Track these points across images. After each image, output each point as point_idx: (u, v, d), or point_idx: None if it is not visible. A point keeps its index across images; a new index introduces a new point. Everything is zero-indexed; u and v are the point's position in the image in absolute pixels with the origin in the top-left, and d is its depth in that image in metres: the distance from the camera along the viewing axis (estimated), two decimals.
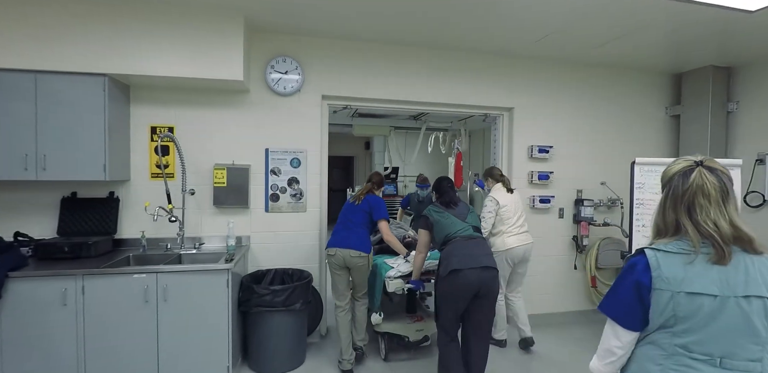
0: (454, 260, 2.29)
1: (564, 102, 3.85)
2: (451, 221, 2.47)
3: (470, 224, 2.49)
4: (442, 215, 2.51)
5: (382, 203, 2.98)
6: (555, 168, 3.81)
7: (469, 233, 2.43)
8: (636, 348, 1.09)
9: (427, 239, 2.57)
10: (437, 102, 3.57)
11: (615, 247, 3.88)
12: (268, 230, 3.21)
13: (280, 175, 3.22)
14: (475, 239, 2.42)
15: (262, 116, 3.18)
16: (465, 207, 2.59)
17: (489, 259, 2.36)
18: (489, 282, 2.29)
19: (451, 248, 2.36)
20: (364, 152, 11.14)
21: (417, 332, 3.06)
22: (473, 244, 2.38)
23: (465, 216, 2.51)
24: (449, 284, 2.29)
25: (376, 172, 3.29)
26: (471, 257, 2.29)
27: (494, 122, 3.94)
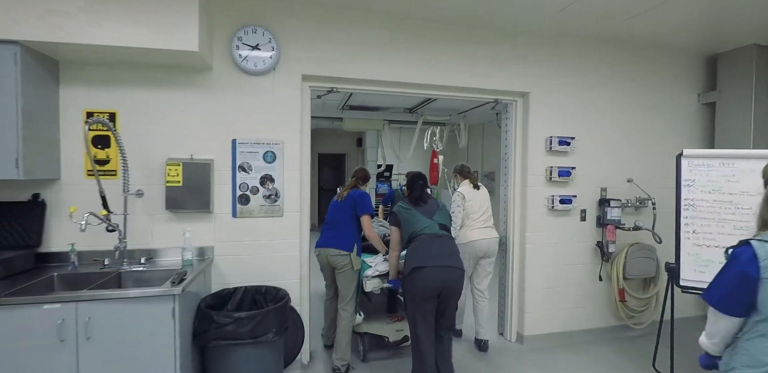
0: (417, 258, 2.27)
1: (586, 87, 3.31)
2: (417, 218, 2.44)
3: (437, 221, 2.44)
4: (409, 212, 2.48)
5: (367, 198, 2.89)
6: (577, 163, 3.27)
7: (435, 231, 2.39)
8: (747, 341, 1.21)
9: (398, 236, 2.53)
10: (440, 85, 3.01)
11: (645, 254, 3.36)
12: (237, 239, 2.63)
13: (250, 172, 2.64)
14: (440, 236, 2.39)
15: (228, 100, 2.59)
16: (434, 204, 2.54)
17: (453, 258, 2.32)
18: (452, 282, 2.27)
19: (415, 245, 2.35)
20: (356, 149, 10.56)
21: (397, 332, 2.96)
22: (438, 242, 2.36)
23: (433, 213, 2.48)
24: (411, 283, 2.27)
25: (361, 167, 3.17)
26: (434, 255, 2.28)
27: (505, 110, 3.39)
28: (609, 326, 3.44)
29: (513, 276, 3.30)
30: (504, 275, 3.40)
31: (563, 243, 3.29)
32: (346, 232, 2.82)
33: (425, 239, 2.36)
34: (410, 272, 2.27)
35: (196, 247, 2.54)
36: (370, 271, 2.81)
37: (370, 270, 2.82)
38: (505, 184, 3.40)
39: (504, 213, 3.42)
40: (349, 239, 2.78)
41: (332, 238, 2.82)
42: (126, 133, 2.43)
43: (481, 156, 8.33)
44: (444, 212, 2.56)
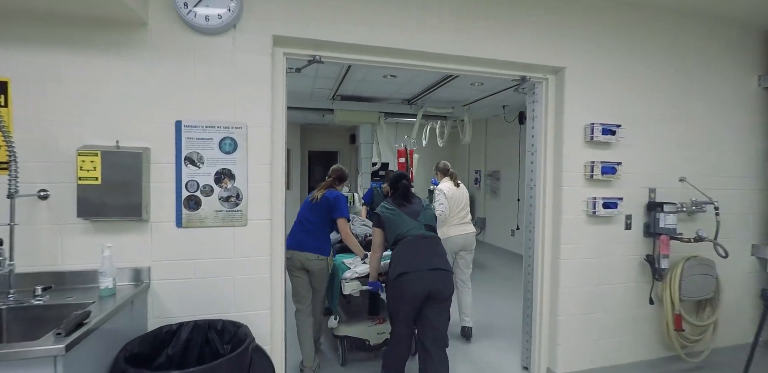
0: (403, 262, 2.21)
1: (632, 64, 2.66)
2: (402, 219, 2.36)
3: (423, 222, 2.37)
4: (393, 213, 2.39)
5: (343, 200, 2.81)
6: (623, 157, 2.62)
7: (421, 232, 2.33)
8: None
9: (380, 238, 2.45)
10: (455, 55, 2.33)
11: (703, 270, 2.72)
12: (183, 256, 1.94)
13: (202, 166, 1.95)
14: (427, 238, 2.33)
15: (171, 67, 1.90)
16: (419, 204, 2.46)
17: (440, 260, 2.28)
18: (440, 284, 2.21)
19: (401, 248, 2.28)
20: (349, 147, 9.87)
21: (378, 335, 2.88)
22: (425, 244, 2.30)
23: (418, 214, 2.40)
24: (397, 288, 2.20)
25: (338, 166, 3.07)
26: (421, 259, 2.23)
27: (532, 92, 2.73)
28: (657, 357, 2.80)
29: (542, 299, 2.64)
30: (530, 297, 2.74)
31: (605, 257, 2.64)
32: (323, 236, 2.76)
33: (411, 240, 2.28)
34: (396, 277, 2.18)
35: (127, 268, 1.85)
36: (349, 273, 2.69)
37: (349, 272, 2.70)
38: (531, 184, 2.74)
39: (529, 219, 2.76)
40: (326, 243, 2.76)
41: (308, 241, 2.71)
42: (22, 110, 1.74)
43: (484, 154, 7.69)
44: (429, 212, 2.46)
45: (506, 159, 6.92)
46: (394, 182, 2.53)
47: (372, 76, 4.54)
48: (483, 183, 7.71)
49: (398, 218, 2.36)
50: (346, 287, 2.64)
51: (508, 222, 6.83)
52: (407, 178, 2.56)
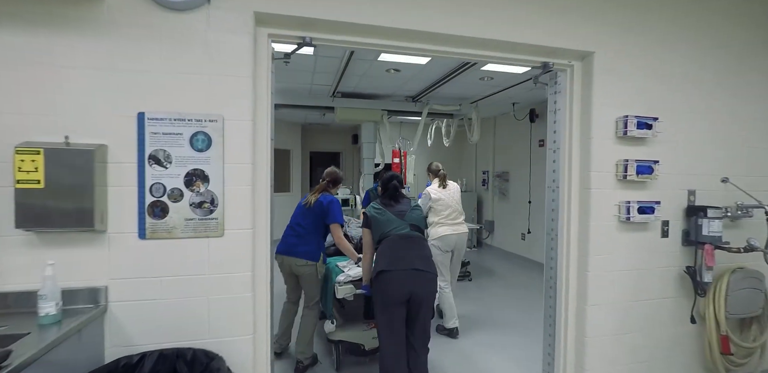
0: (384, 261, 2.18)
1: (668, 49, 2.33)
2: (387, 218, 2.34)
3: (408, 222, 2.34)
4: (379, 212, 2.37)
5: (336, 205, 2.79)
6: (660, 155, 2.29)
7: (405, 232, 2.29)
8: None
9: (370, 238, 2.40)
10: (468, 36, 2.01)
11: (751, 284, 2.38)
12: (147, 273, 1.64)
13: (169, 166, 1.65)
14: (410, 237, 2.29)
15: (133, 49, 1.61)
16: (406, 204, 2.44)
17: (423, 261, 2.21)
18: (421, 287, 2.15)
19: (384, 247, 2.25)
20: (352, 147, 9.58)
21: (374, 339, 2.78)
22: (408, 243, 2.26)
23: (404, 214, 2.36)
24: (378, 287, 2.17)
25: (332, 168, 3.01)
26: (402, 258, 2.18)
27: (554, 82, 2.41)
28: None
29: (566, 318, 2.31)
30: (551, 314, 2.41)
31: (639, 270, 2.31)
32: (313, 241, 2.75)
33: (393, 239, 2.25)
34: (376, 275, 2.17)
35: (80, 288, 1.55)
36: (342, 276, 2.66)
37: (342, 276, 2.66)
38: (553, 186, 2.42)
39: (551, 226, 2.43)
40: (316, 249, 2.74)
41: (298, 246, 2.72)
42: None
43: (492, 153, 7.36)
44: (417, 213, 2.42)
45: (516, 159, 6.59)
46: (385, 183, 2.51)
47: (373, 70, 4.24)
48: (491, 184, 7.37)
49: (383, 217, 2.33)
50: (339, 290, 2.61)
51: (518, 225, 6.49)
52: (399, 180, 2.52)
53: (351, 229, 3.66)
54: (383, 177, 2.58)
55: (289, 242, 2.74)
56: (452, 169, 8.52)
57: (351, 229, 3.66)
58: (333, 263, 2.96)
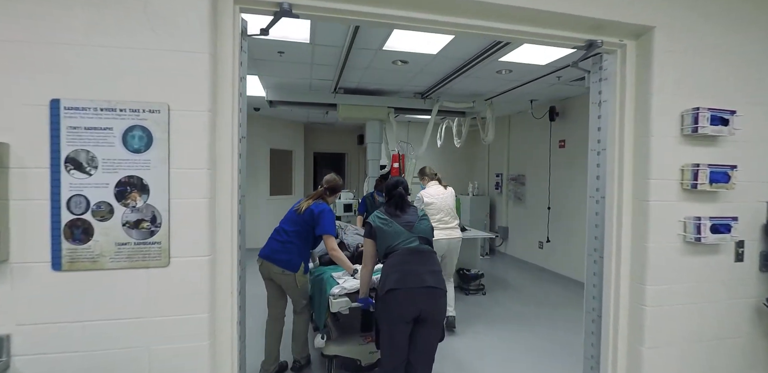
0: (392, 278, 2.04)
1: (753, 23, 1.85)
2: (394, 229, 2.18)
3: (417, 234, 2.19)
4: (385, 223, 2.20)
5: (329, 216, 2.62)
6: (737, 159, 1.82)
7: (415, 245, 2.15)
8: None
9: (372, 250, 2.25)
10: (493, 2, 1.56)
11: None
12: (65, 316, 1.22)
13: (94, 172, 1.22)
14: (421, 252, 2.15)
15: (39, 10, 1.18)
16: (414, 214, 2.27)
17: (434, 277, 2.09)
18: (433, 305, 2.05)
19: (392, 262, 2.11)
20: (358, 148, 9.16)
21: (370, 354, 2.65)
22: (418, 258, 2.12)
23: (412, 225, 2.21)
24: (386, 306, 2.05)
25: (332, 176, 2.84)
26: (412, 275, 2.05)
27: (598, 67, 1.95)
28: None
29: (615, 363, 1.84)
30: (595, 354, 1.94)
31: (708, 302, 1.83)
32: (295, 250, 2.63)
33: (403, 254, 2.12)
34: (385, 293, 2.04)
35: None
36: (337, 289, 2.49)
37: (337, 288, 2.49)
38: (597, 196, 1.95)
39: (593, 246, 1.96)
40: (297, 259, 2.62)
41: (278, 253, 2.62)
42: None
43: (507, 155, 6.87)
44: (425, 224, 2.28)
45: (533, 161, 6.10)
46: (390, 190, 2.35)
47: (378, 62, 3.80)
48: (505, 188, 6.88)
49: (390, 229, 2.19)
50: (334, 304, 2.43)
51: (536, 233, 6.00)
52: (405, 186, 2.36)
53: (347, 236, 3.45)
54: (388, 183, 2.39)
55: (272, 247, 2.65)
56: (463, 171, 8.06)
57: (347, 236, 3.45)
58: (327, 273, 2.78)
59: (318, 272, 2.98)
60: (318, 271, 3.04)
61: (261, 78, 4.43)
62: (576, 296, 4.66)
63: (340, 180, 2.84)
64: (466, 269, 4.86)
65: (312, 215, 2.60)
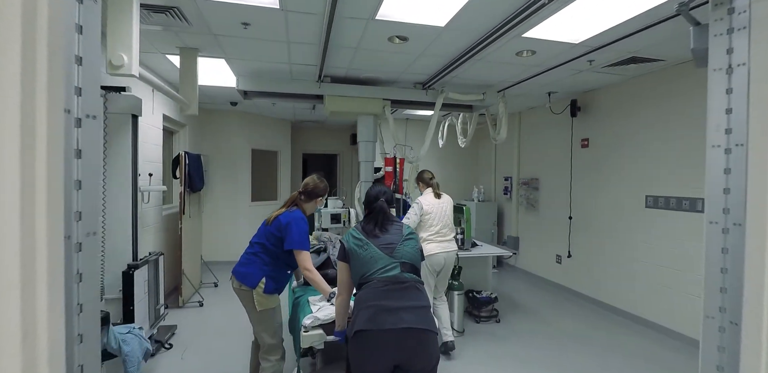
0: (363, 316, 1.69)
1: None
2: (370, 253, 1.81)
3: (399, 259, 1.81)
4: (359, 244, 1.85)
5: (297, 225, 2.21)
6: None
7: (394, 274, 1.77)
8: None
9: (347, 276, 1.89)
10: None
11: None
12: None
13: None
14: (402, 283, 1.76)
15: None
16: (398, 233, 1.90)
17: (418, 316, 1.69)
18: (415, 352, 1.64)
19: (364, 296, 1.75)
20: (351, 148, 8.41)
21: None
22: (398, 291, 1.73)
23: (394, 248, 1.83)
24: (356, 352, 1.69)
25: (312, 177, 2.42)
26: (388, 312, 1.67)
27: (726, 10, 1.19)
28: None
29: None
30: None
31: None
32: (257, 263, 2.26)
33: (377, 286, 1.73)
34: (354, 335, 1.67)
35: None
36: (309, 319, 2.13)
37: (309, 318, 2.13)
38: (725, 222, 1.19)
39: (716, 303, 1.20)
40: (257, 272, 2.24)
41: (240, 265, 2.32)
42: None
43: (517, 157, 6.13)
44: (412, 245, 1.88)
45: (549, 163, 5.36)
46: (370, 201, 2.01)
47: (371, 40, 3.04)
48: (515, 193, 6.14)
49: (366, 253, 1.83)
50: (305, 338, 2.12)
51: (553, 245, 5.25)
52: (388, 197, 2.01)
53: (336, 250, 2.92)
54: (368, 193, 2.05)
55: (240, 260, 2.35)
56: (467, 174, 7.30)
57: (336, 250, 2.92)
58: (306, 296, 2.51)
59: (299, 294, 2.66)
60: (299, 292, 2.72)
61: (229, 62, 3.66)
62: (609, 324, 3.90)
63: (323, 183, 2.43)
64: (476, 290, 4.10)
65: (279, 225, 2.23)
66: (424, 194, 3.41)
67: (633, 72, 3.85)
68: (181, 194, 4.19)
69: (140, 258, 2.77)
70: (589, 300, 4.59)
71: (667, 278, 3.65)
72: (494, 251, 4.11)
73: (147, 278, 2.75)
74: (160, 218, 4.32)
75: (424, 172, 3.58)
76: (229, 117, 6.20)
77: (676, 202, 3.56)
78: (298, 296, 2.65)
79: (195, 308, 4.28)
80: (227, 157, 6.21)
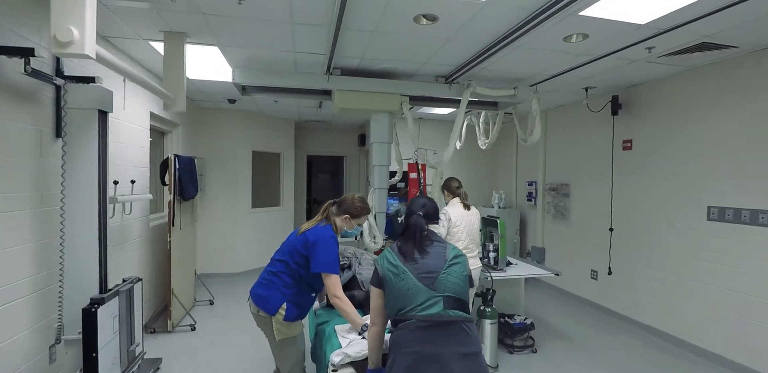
0: (401, 363, 1.44)
1: None
2: (407, 284, 1.52)
3: (442, 292, 1.51)
4: (395, 272, 1.56)
5: (326, 245, 1.96)
6: None
7: (436, 312, 1.47)
8: None
9: (381, 303, 1.62)
10: None
11: None
12: None
13: None
14: (448, 324, 1.47)
15: None
16: (440, 257, 1.59)
17: (469, 367, 1.43)
18: None
19: (400, 338, 1.49)
20: (359, 150, 7.91)
21: None
22: (443, 335, 1.46)
23: (435, 277, 1.52)
24: None
25: (353, 196, 2.17)
26: (432, 361, 1.42)
27: None
28: None
29: None
30: None
31: None
32: (277, 286, 2.00)
33: (417, 327, 1.46)
34: None
35: None
36: (338, 356, 1.82)
37: (338, 355, 1.82)
38: None
39: None
40: (277, 297, 1.98)
41: (259, 286, 2.05)
42: None
43: (543, 160, 5.57)
44: (458, 271, 1.56)
45: (583, 167, 4.80)
46: (407, 215, 1.72)
47: (391, 21, 2.51)
48: (541, 200, 5.58)
49: (402, 283, 1.52)
50: None
51: (586, 259, 4.69)
52: (428, 209, 1.71)
53: (363, 268, 2.73)
54: (409, 206, 1.79)
55: (258, 280, 2.10)
56: (485, 179, 6.75)
57: (363, 268, 2.73)
58: (333, 324, 2.21)
59: (323, 319, 2.33)
60: (323, 316, 2.39)
61: (224, 51, 3.14)
62: (657, 352, 3.33)
63: (362, 203, 2.16)
64: (507, 314, 3.56)
65: (306, 243, 1.97)
66: (450, 204, 3.16)
67: (694, 62, 3.29)
68: (170, 203, 3.66)
69: (110, 288, 2.24)
70: (631, 322, 4.03)
71: (735, 304, 3.09)
72: (534, 271, 3.56)
73: (117, 313, 2.22)
74: (146, 230, 3.80)
75: (451, 180, 3.30)
76: (227, 116, 5.69)
77: (750, 215, 3.01)
78: (322, 322, 2.31)
79: (186, 332, 3.76)
80: (226, 160, 5.69)
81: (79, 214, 2.09)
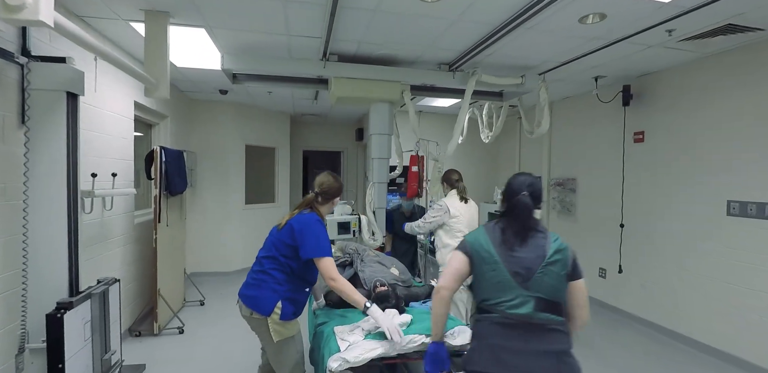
0: (483, 355, 1.41)
1: None
2: (498, 277, 1.41)
3: (535, 293, 1.38)
4: (487, 258, 1.43)
5: (314, 229, 1.88)
6: None
7: (526, 313, 1.37)
8: None
9: (461, 268, 1.48)
10: None
11: None
12: None
13: None
14: (537, 327, 1.37)
15: None
16: (540, 250, 1.41)
17: (565, 363, 1.37)
18: None
19: (484, 331, 1.44)
20: (356, 145, 7.69)
21: None
22: (530, 336, 1.37)
23: (532, 274, 1.38)
24: None
25: (325, 173, 2.09)
26: (518, 358, 1.36)
27: None
28: None
29: None
30: None
31: None
32: (268, 284, 1.88)
33: (502, 325, 1.38)
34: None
35: None
36: (335, 361, 1.68)
37: (336, 360, 1.68)
38: None
39: None
40: (269, 296, 1.86)
41: (248, 287, 1.94)
42: None
43: (548, 153, 5.38)
44: (558, 270, 1.39)
45: (591, 161, 4.61)
46: (510, 195, 1.50)
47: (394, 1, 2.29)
48: (545, 195, 5.38)
49: (492, 273, 1.41)
50: None
51: (594, 257, 4.50)
52: (534, 189, 1.48)
53: (365, 266, 2.54)
54: (510, 183, 1.53)
55: (246, 280, 1.97)
56: (486, 173, 6.55)
57: (365, 266, 2.54)
58: (332, 325, 2.02)
59: (322, 319, 2.17)
60: (322, 316, 2.23)
61: (211, 34, 2.90)
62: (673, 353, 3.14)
63: (338, 181, 2.08)
64: None
65: (291, 232, 1.87)
66: (449, 196, 3.16)
67: (712, 48, 3.09)
68: (156, 198, 3.44)
69: (82, 290, 2.02)
70: (645, 323, 3.84)
71: (760, 305, 2.90)
72: None
73: (90, 318, 2.00)
74: (131, 227, 3.58)
75: (451, 172, 3.26)
76: (219, 108, 5.45)
77: None
78: (321, 322, 2.16)
79: (174, 335, 3.54)
80: (218, 155, 5.46)
81: (44, 208, 1.87)
